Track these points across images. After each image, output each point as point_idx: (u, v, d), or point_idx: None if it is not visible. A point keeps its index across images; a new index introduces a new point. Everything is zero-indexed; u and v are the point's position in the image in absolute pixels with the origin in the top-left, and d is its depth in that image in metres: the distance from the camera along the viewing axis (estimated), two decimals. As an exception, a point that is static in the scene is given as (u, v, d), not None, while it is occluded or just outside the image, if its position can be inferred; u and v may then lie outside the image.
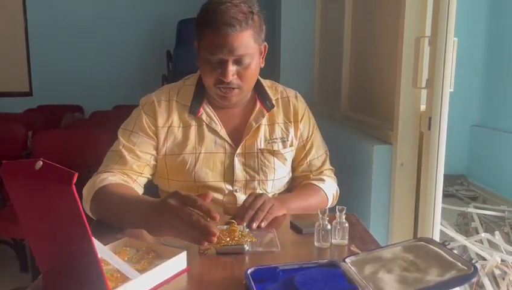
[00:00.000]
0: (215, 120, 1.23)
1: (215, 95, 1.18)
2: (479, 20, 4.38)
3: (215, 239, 0.82)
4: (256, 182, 1.24)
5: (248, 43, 1.11)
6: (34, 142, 2.69)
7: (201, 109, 1.22)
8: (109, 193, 1.06)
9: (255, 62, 1.15)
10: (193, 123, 1.22)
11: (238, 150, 1.22)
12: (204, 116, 1.22)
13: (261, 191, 1.24)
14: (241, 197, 1.22)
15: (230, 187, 1.23)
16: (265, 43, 1.20)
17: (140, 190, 1.19)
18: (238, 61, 1.12)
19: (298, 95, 1.34)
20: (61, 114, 4.25)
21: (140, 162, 1.19)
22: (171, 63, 4.54)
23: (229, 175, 1.22)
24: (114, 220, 1.03)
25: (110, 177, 1.11)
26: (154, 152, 1.21)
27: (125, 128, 1.22)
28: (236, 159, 1.22)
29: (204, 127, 1.22)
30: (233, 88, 1.15)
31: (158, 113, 1.21)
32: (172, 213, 0.84)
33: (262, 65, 1.21)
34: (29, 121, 3.51)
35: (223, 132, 1.22)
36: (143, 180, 1.22)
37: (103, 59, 5.00)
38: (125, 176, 1.16)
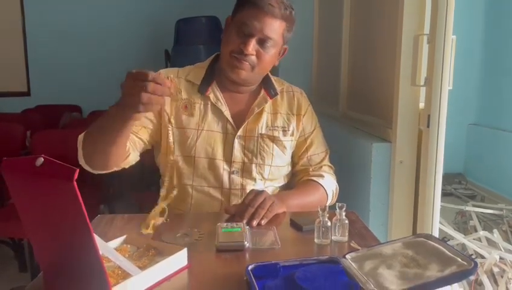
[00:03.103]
0: (221, 100, 1.27)
1: (228, 65, 1.22)
2: (478, 19, 4.38)
3: (168, 85, 0.90)
4: (253, 165, 1.27)
5: (278, 31, 1.21)
6: (33, 142, 2.69)
7: (209, 88, 1.27)
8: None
9: (273, 52, 1.23)
10: (199, 101, 1.28)
11: (239, 133, 1.26)
12: (211, 96, 1.27)
13: (258, 176, 1.27)
14: (236, 179, 1.25)
15: (228, 168, 1.26)
16: (287, 46, 1.27)
17: (134, 149, 1.20)
18: (261, 42, 1.20)
19: (303, 92, 1.40)
20: (60, 114, 4.25)
21: (136, 123, 1.19)
22: (169, 62, 4.54)
23: (227, 155, 1.26)
24: (100, 139, 1.05)
25: None
26: (153, 118, 1.24)
27: None
28: (236, 141, 1.26)
29: (210, 106, 1.27)
30: (247, 62, 1.19)
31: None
32: (128, 84, 0.89)
33: (277, 64, 1.28)
34: (27, 121, 3.51)
35: (227, 113, 1.27)
36: (138, 141, 1.22)
37: (101, 59, 4.98)
38: None
